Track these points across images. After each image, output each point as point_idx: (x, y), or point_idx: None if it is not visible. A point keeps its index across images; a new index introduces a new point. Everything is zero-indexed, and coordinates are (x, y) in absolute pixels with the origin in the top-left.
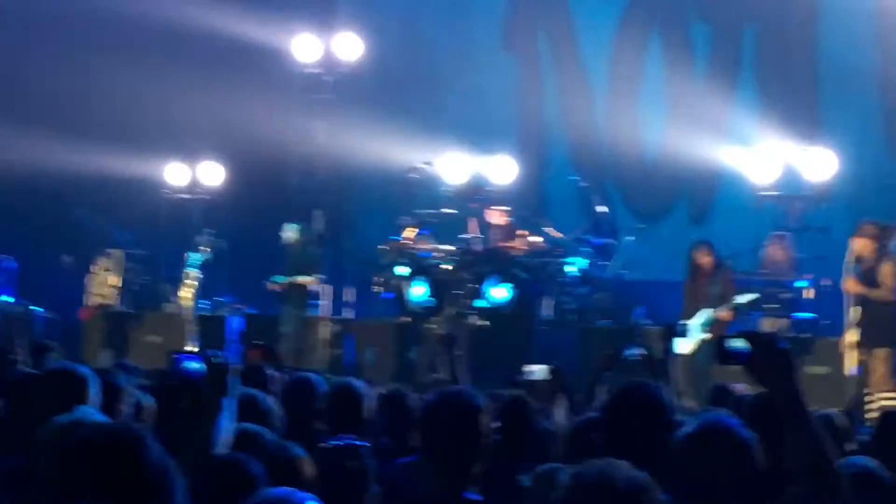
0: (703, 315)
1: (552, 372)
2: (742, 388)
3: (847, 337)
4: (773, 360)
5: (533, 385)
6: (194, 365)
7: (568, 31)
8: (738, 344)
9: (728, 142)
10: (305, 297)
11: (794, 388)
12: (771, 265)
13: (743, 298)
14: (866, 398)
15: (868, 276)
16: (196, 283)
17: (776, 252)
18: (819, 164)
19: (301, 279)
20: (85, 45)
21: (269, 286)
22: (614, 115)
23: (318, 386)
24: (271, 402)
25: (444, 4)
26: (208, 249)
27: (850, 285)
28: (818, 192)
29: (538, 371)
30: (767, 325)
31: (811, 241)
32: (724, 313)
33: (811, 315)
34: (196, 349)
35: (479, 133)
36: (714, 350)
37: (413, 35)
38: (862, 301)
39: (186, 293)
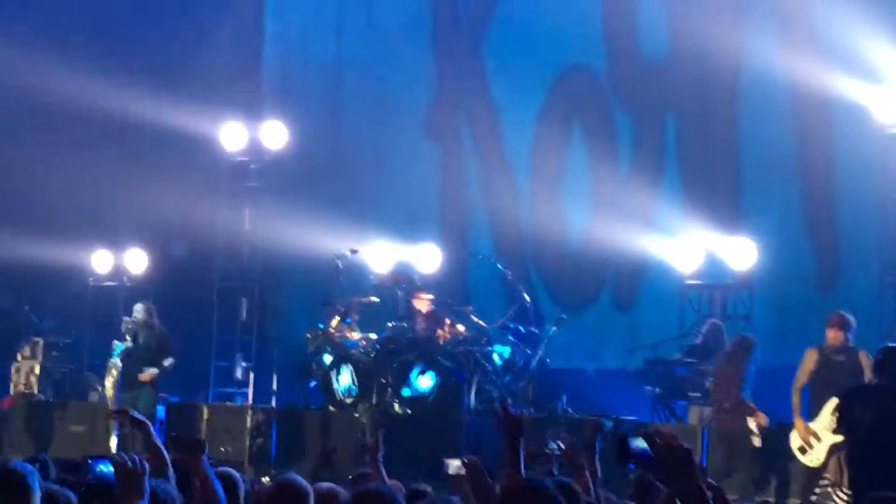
0: None
1: (468, 465)
2: None
3: (821, 430)
4: (674, 458)
5: (453, 478)
6: (108, 468)
7: (490, 118)
8: (640, 443)
9: (652, 230)
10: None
11: (697, 487)
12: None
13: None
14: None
15: (847, 367)
16: (116, 371)
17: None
18: (740, 252)
19: (166, 363)
20: (8, 132)
21: (144, 377)
22: (538, 203)
23: (238, 482)
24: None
25: (367, 93)
26: (127, 338)
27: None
28: (740, 280)
29: (455, 465)
30: (695, 414)
31: (733, 328)
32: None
33: None
34: (112, 451)
35: (403, 221)
36: (615, 450)
37: (337, 124)
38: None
39: (108, 382)
